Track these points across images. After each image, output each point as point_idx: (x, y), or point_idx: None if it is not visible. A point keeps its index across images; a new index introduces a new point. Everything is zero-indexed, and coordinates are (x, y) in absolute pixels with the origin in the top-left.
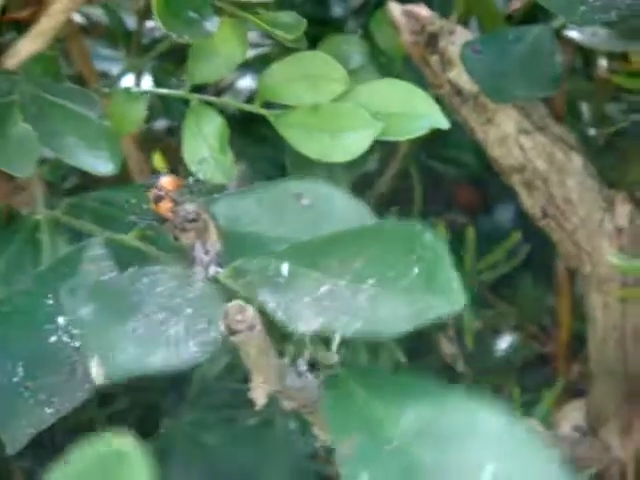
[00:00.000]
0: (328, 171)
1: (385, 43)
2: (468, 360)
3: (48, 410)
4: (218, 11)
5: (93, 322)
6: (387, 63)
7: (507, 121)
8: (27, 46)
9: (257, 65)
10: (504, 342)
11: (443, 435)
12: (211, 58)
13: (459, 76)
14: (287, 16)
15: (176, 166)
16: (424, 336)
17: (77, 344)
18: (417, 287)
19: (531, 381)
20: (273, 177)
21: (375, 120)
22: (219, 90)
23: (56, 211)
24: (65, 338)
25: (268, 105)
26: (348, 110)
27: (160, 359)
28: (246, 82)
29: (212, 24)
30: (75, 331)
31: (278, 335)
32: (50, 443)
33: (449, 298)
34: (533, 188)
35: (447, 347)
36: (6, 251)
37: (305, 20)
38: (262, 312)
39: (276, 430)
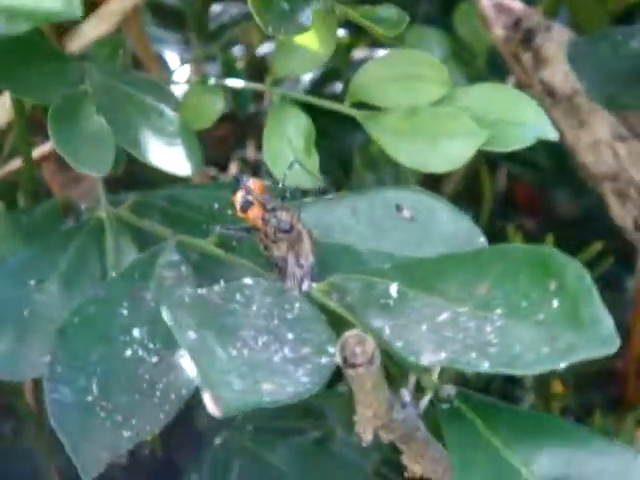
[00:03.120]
0: (394, 171)
1: (470, 37)
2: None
3: (126, 433)
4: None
5: (199, 349)
6: (470, 59)
7: (602, 125)
8: (94, 28)
9: None
10: None
11: None
12: (298, 52)
13: (553, 76)
14: (387, 10)
15: (228, 156)
16: None
17: (155, 359)
18: (557, 322)
19: (593, 397)
20: (335, 173)
21: (480, 127)
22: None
23: (120, 209)
24: (141, 352)
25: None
26: (449, 115)
27: (269, 391)
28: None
29: (306, 17)
30: (151, 345)
31: None
32: None
33: (599, 339)
34: (626, 198)
35: None
36: (67, 250)
37: (407, 15)
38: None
39: (336, 444)
